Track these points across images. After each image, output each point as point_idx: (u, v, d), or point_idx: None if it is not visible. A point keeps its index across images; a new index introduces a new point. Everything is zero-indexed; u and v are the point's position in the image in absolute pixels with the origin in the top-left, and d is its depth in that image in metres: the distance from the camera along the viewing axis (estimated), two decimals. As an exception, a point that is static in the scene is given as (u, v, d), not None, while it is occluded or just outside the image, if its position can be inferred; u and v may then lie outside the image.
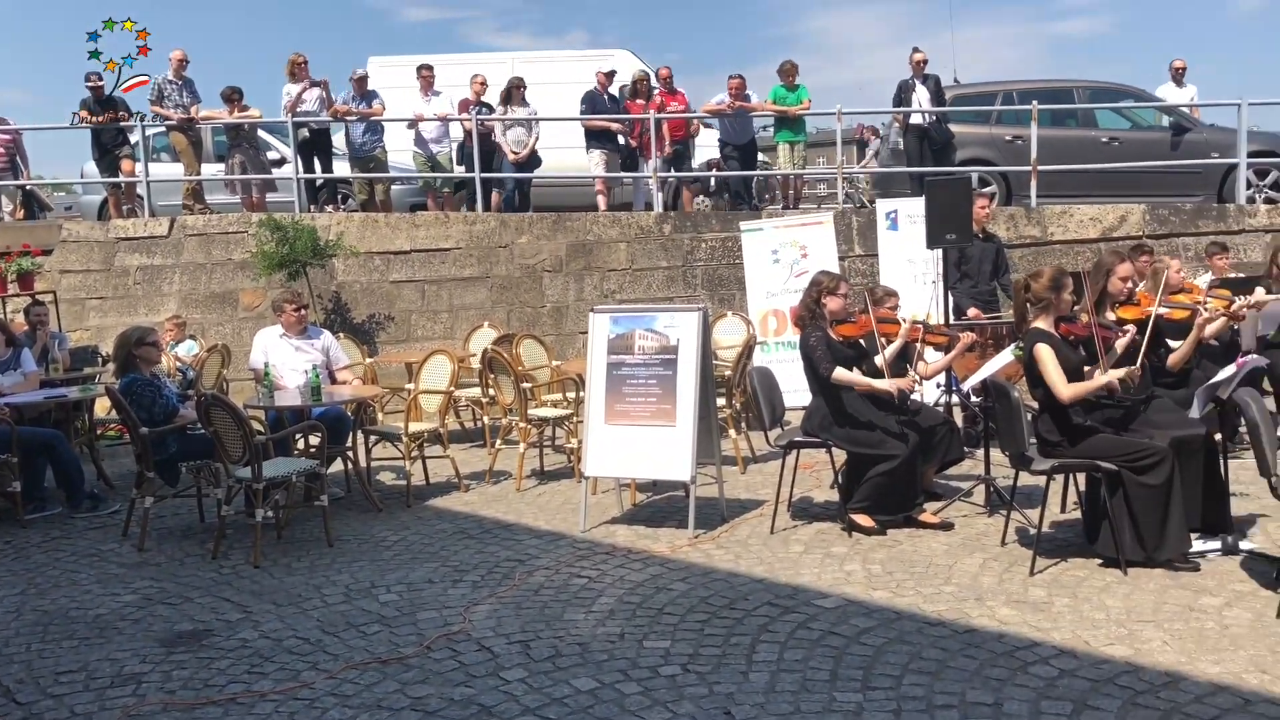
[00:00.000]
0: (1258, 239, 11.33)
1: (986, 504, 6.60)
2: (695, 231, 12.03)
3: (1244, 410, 5.02)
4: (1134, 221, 11.57)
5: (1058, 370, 5.42)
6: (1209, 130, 12.80)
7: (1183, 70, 13.91)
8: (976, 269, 9.06)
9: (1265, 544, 5.55)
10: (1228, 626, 4.54)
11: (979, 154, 12.84)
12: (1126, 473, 5.30)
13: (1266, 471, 4.85)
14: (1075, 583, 5.19)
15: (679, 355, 6.49)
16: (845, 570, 5.56)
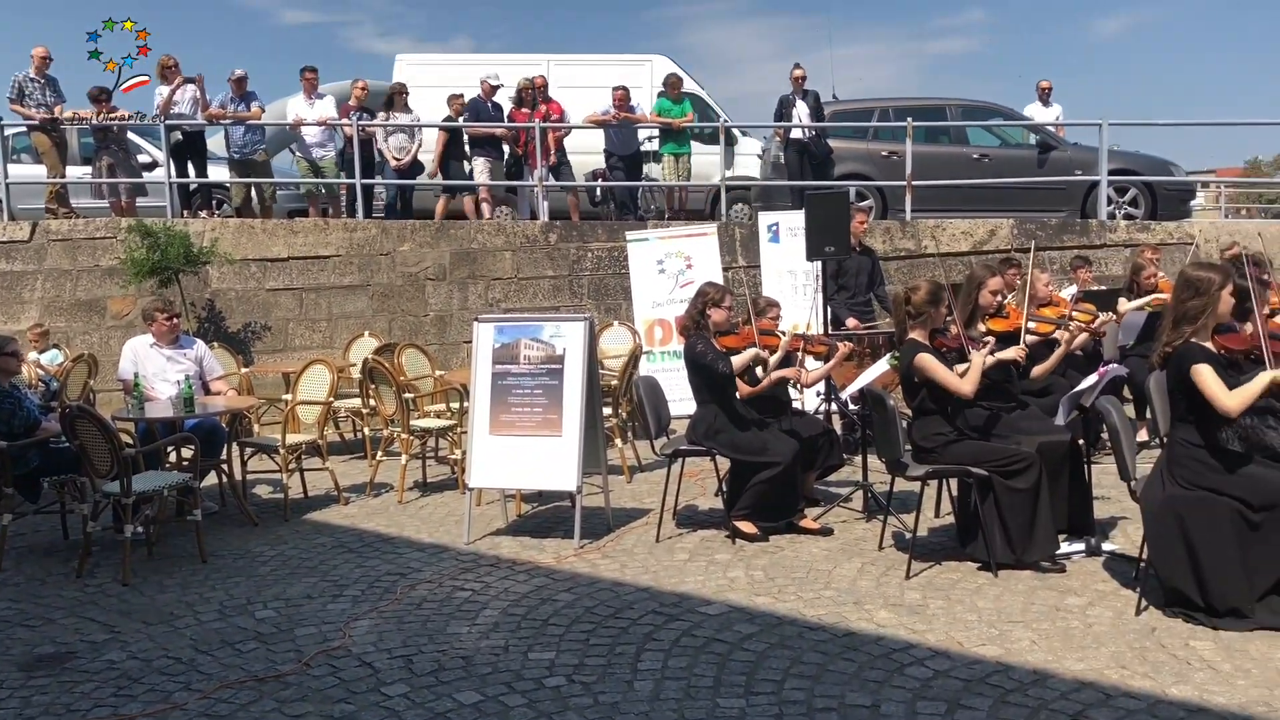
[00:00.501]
0: (1118, 253, 11.88)
1: (864, 509, 6.76)
2: (581, 241, 12.05)
3: (1105, 417, 5.26)
4: (1003, 235, 12.01)
5: (948, 372, 5.59)
6: (1073, 149, 13.36)
7: (1048, 90, 14.51)
8: (854, 280, 9.29)
9: (1125, 545, 5.81)
10: (1091, 625, 4.74)
11: (857, 169, 13.17)
12: (996, 478, 5.49)
13: (1126, 476, 5.09)
14: (949, 585, 5.36)
15: (565, 365, 6.49)
16: (729, 577, 5.62)
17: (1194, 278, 4.87)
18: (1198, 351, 4.74)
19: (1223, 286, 4.80)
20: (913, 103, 13.98)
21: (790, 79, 12.75)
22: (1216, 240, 11.82)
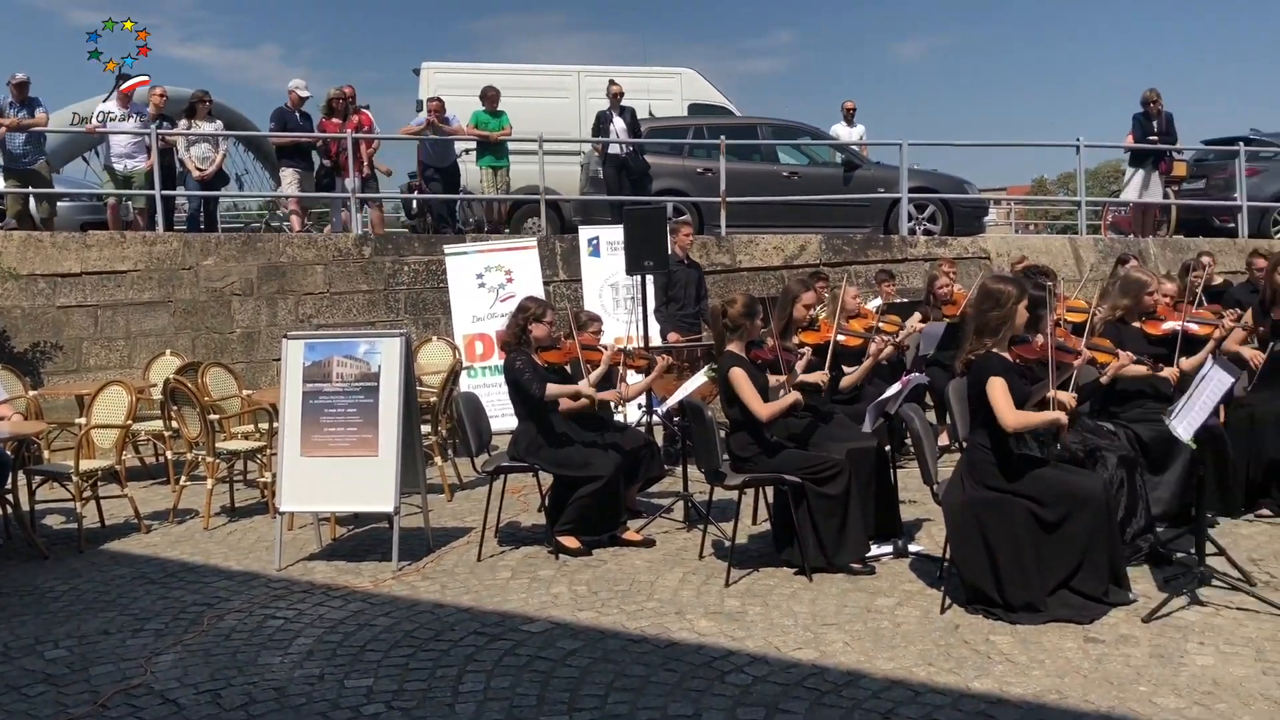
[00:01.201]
0: (918, 267, 12.47)
1: (685, 519, 6.85)
2: (397, 254, 11.80)
3: (909, 424, 5.50)
4: (812, 250, 12.44)
5: (753, 391, 5.72)
6: (876, 167, 13.98)
7: (853, 111, 15.15)
8: (683, 293, 9.48)
9: (930, 546, 6.08)
10: (900, 624, 4.93)
11: (673, 185, 13.39)
12: (809, 485, 5.66)
13: (929, 479, 5.33)
14: (766, 591, 5.48)
15: (380, 382, 6.33)
16: (552, 593, 5.59)
17: (994, 290, 5.15)
18: (996, 363, 5.01)
19: (1020, 299, 5.09)
20: (725, 121, 14.34)
21: (607, 95, 12.86)
22: (1008, 254, 12.55)
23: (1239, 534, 6.10)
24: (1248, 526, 6.27)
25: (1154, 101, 13.83)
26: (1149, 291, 6.53)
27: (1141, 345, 6.28)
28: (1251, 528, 6.25)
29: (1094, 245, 13.46)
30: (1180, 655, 4.41)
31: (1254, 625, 4.69)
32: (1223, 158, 14.78)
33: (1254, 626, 4.67)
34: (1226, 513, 6.38)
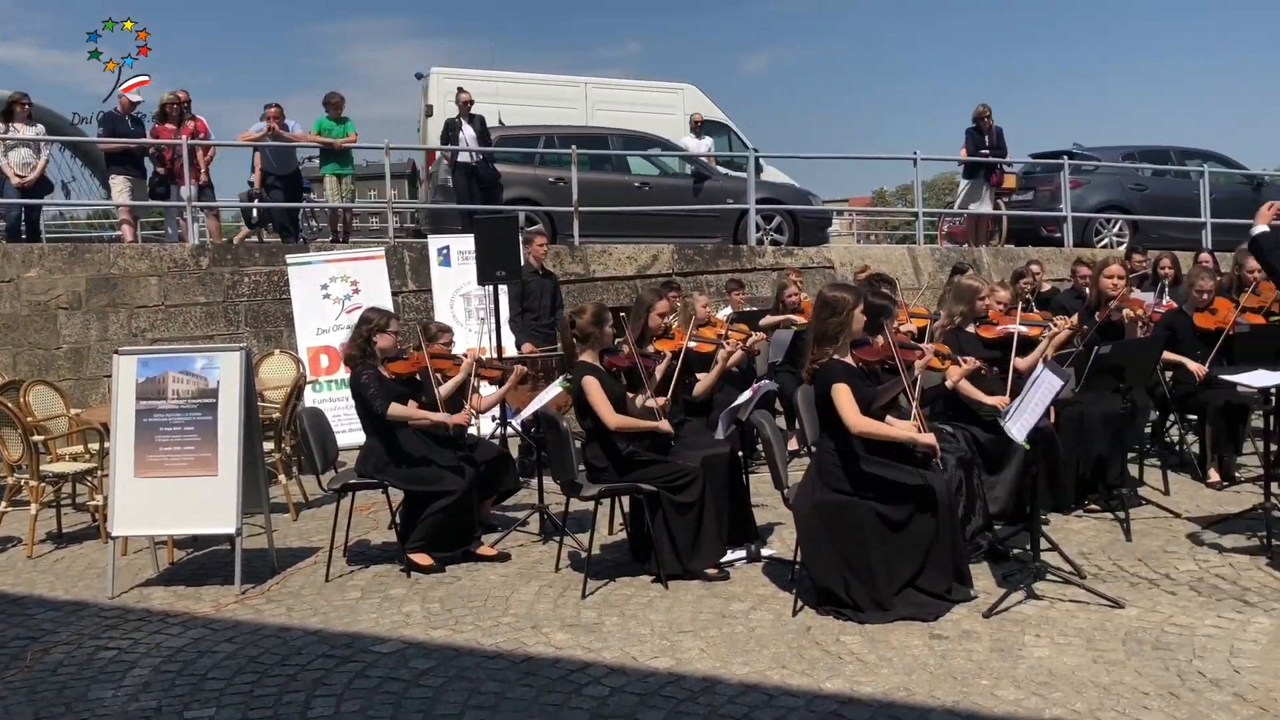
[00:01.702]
0: (766, 276, 12.72)
1: (541, 532, 6.79)
2: (237, 265, 11.37)
3: (760, 430, 5.59)
4: (665, 260, 12.55)
5: (604, 400, 5.72)
6: (724, 179, 14.21)
7: (701, 123, 15.36)
8: (538, 303, 9.41)
9: (782, 549, 6.18)
10: (754, 629, 4.99)
11: (525, 194, 13.34)
12: (664, 493, 5.68)
13: (780, 484, 5.42)
14: (623, 601, 5.47)
15: (219, 399, 6.07)
16: (404, 612, 5.46)
17: (831, 298, 5.28)
18: (839, 369, 5.14)
19: (856, 305, 5.24)
20: (577, 130, 14.36)
21: (456, 103, 12.71)
22: (851, 264, 12.93)
23: (1070, 529, 6.40)
24: (1078, 522, 6.59)
25: (985, 117, 14.49)
26: (981, 297, 6.81)
27: (978, 349, 6.54)
28: (1081, 523, 6.56)
29: (931, 254, 14.00)
30: (1019, 648, 4.58)
31: (1084, 616, 4.91)
32: (1049, 171, 15.57)
33: (1084, 617, 4.90)
34: (1058, 509, 6.69)
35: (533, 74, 16.82)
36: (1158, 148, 16.78)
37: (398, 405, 6.15)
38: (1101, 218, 15.18)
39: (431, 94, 15.42)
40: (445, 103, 14.49)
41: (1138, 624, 4.78)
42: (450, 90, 14.50)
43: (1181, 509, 6.71)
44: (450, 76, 15.36)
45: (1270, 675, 4.19)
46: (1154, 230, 15.00)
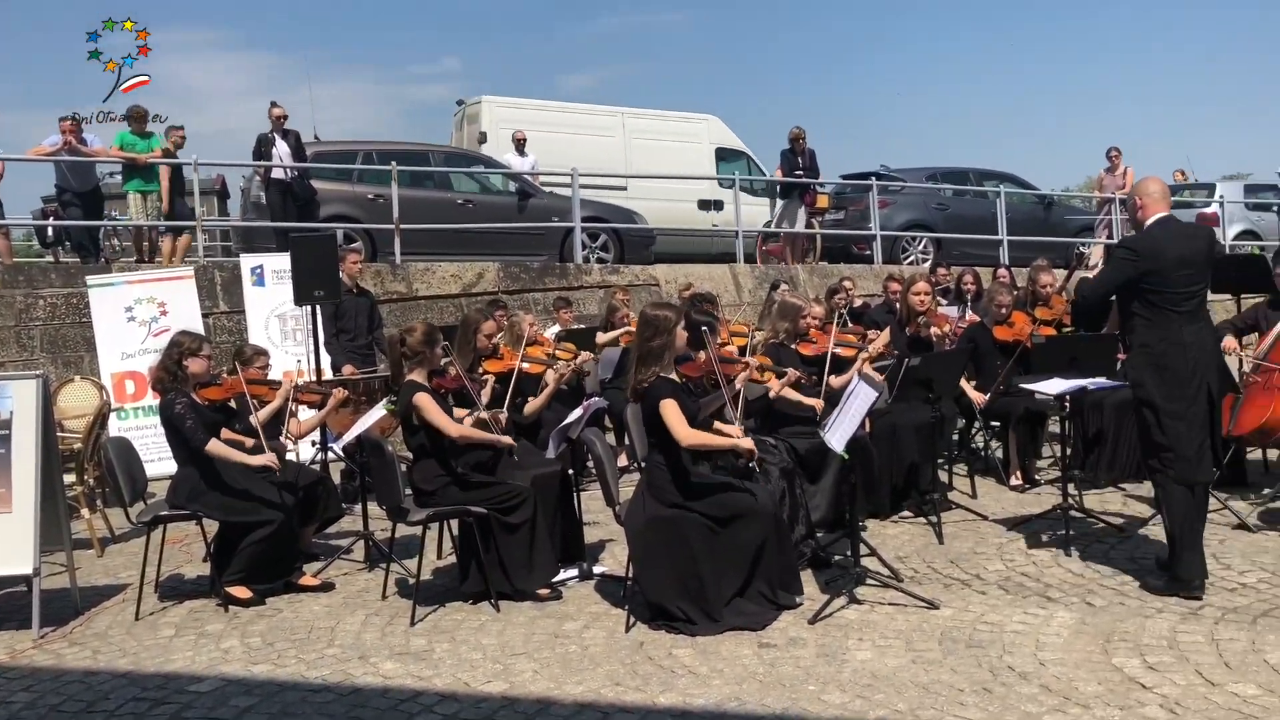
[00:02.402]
0: (593, 294, 12.80)
1: (366, 559, 6.61)
2: (30, 287, 10.65)
3: (590, 448, 5.60)
4: (490, 278, 12.46)
5: (441, 414, 5.63)
6: (549, 197, 14.23)
7: (523, 141, 15.34)
8: (354, 323, 9.15)
9: (614, 566, 6.20)
10: (587, 647, 4.99)
11: (343, 211, 13.01)
12: (494, 514, 5.62)
13: (611, 500, 5.45)
14: (454, 626, 5.38)
15: (13, 430, 5.66)
16: (223, 648, 5.21)
17: (653, 318, 5.35)
18: (665, 386, 5.21)
19: (678, 323, 5.33)
20: (397, 146, 14.13)
21: (269, 117, 12.30)
22: (675, 281, 13.14)
23: (887, 534, 6.66)
24: (894, 527, 6.86)
25: (799, 139, 15.00)
26: (804, 315, 7.05)
27: (797, 364, 6.76)
28: (897, 528, 6.84)
29: (751, 272, 14.38)
30: (843, 652, 4.74)
31: (903, 618, 5.12)
32: (858, 191, 16.24)
33: (903, 619, 5.10)
34: (875, 515, 6.96)
35: (577, 104, 17.79)
36: (958, 169, 17.79)
37: (218, 443, 5.88)
38: (907, 236, 15.94)
39: (484, 121, 16.14)
40: (498, 130, 15.86)
41: (952, 624, 5.01)
42: (503, 118, 16.00)
43: (988, 511, 7.08)
44: (503, 105, 16.49)
45: (1072, 666, 4.46)
46: (955, 247, 15.85)
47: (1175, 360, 5.16)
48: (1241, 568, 5.60)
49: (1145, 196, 5.38)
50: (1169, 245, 5.21)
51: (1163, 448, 5.21)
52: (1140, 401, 5.30)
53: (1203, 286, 5.37)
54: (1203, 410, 5.22)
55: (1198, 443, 5.20)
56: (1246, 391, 6.81)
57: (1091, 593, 5.36)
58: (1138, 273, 5.21)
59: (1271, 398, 6.60)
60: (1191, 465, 5.18)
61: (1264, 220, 18.14)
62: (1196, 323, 5.25)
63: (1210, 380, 5.25)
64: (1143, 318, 5.26)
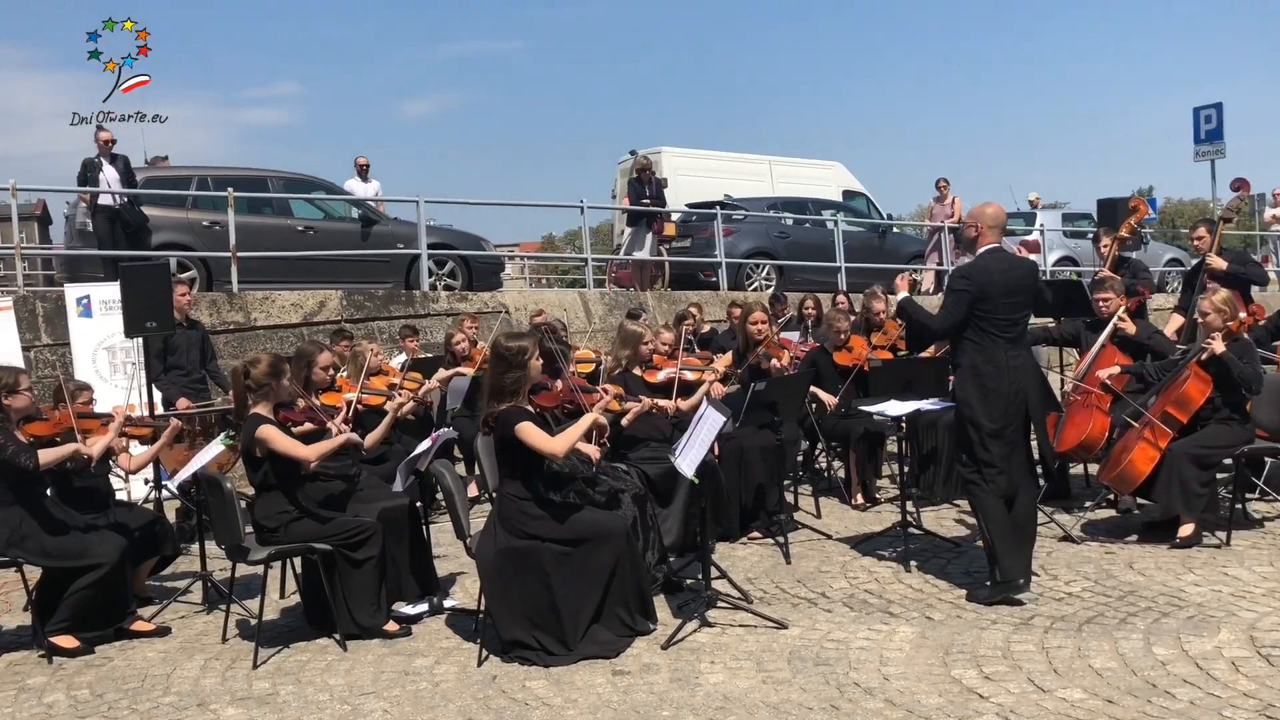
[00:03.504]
0: (440, 322, 12.63)
1: (205, 601, 6.34)
2: None
3: (440, 480, 5.52)
4: (333, 307, 12.16)
5: (291, 440, 5.46)
6: (393, 223, 14.00)
7: (366, 166, 15.09)
8: (185, 357, 8.77)
9: (465, 599, 6.11)
10: (439, 683, 4.89)
11: (176, 238, 12.49)
12: (340, 550, 5.48)
13: (461, 533, 5.38)
14: (298, 667, 5.20)
15: None
16: (46, 703, 4.90)
17: (507, 350, 5.32)
18: (518, 414, 5.18)
19: (533, 353, 5.31)
20: (233, 172, 13.67)
21: (96, 140, 11.75)
22: (525, 308, 13.11)
23: (736, 556, 6.78)
24: (743, 549, 6.99)
25: (646, 168, 15.21)
26: (645, 342, 7.15)
27: (644, 391, 6.83)
28: (746, 549, 6.97)
29: (601, 298, 14.46)
30: (696, 676, 4.78)
31: (753, 639, 5.21)
32: (704, 220, 16.55)
33: (753, 640, 5.19)
34: (725, 538, 7.07)
35: (737, 153, 20.57)
36: (797, 199, 18.34)
37: (48, 451, 5.57)
38: (751, 263, 16.32)
39: (664, 169, 18.04)
40: (678, 177, 18.16)
41: (800, 642, 5.13)
42: (680, 167, 18.54)
43: (832, 530, 7.28)
44: (680, 155, 19.14)
45: (914, 679, 4.61)
46: (797, 274, 16.31)
47: (999, 382, 5.50)
48: (1068, 578, 5.91)
49: (983, 223, 5.67)
50: (999, 274, 5.53)
51: (985, 464, 5.54)
52: (965, 420, 5.59)
53: (1026, 314, 5.75)
54: (1019, 429, 5.59)
55: (1014, 459, 5.58)
56: (1068, 410, 7.22)
57: (931, 607, 5.57)
58: (973, 299, 5.50)
59: (1091, 416, 7.01)
60: (1009, 479, 5.55)
61: (1080, 247, 19.27)
62: (1019, 348, 5.62)
63: (1031, 400, 5.60)
64: (971, 342, 5.56)
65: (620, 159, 19.73)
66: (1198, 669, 4.51)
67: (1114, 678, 4.48)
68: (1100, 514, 7.23)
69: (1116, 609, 5.33)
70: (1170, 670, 4.51)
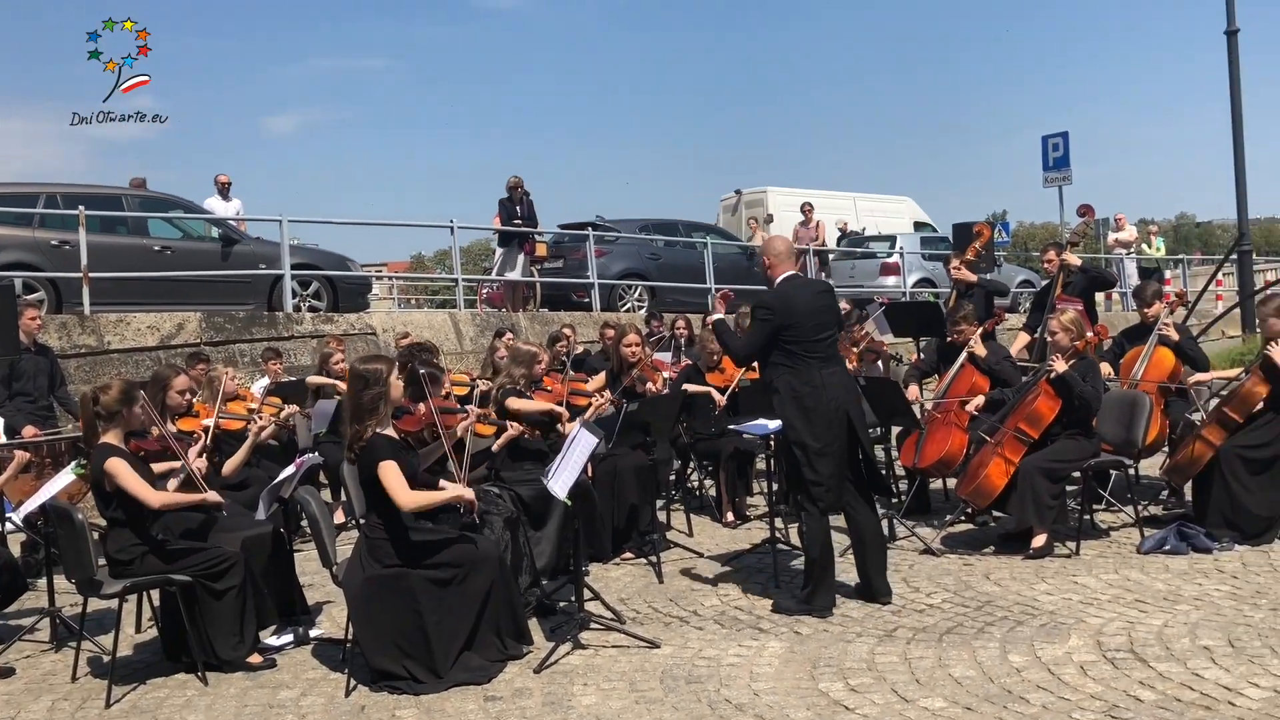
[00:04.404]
0: (306, 344, 12.34)
1: (53, 639, 6.02)
2: None
3: (305, 507, 5.39)
4: (191, 329, 11.76)
5: (139, 482, 5.22)
6: (255, 243, 13.61)
7: (228, 185, 14.67)
8: (33, 384, 8.34)
9: (332, 629, 5.97)
10: (305, 716, 4.77)
11: (22, 258, 11.88)
12: (201, 581, 5.28)
13: (327, 561, 5.26)
14: (156, 705, 4.99)
15: None
16: (-126, 754, 4.60)
17: (365, 371, 5.23)
18: (383, 445, 5.10)
19: (390, 374, 5.23)
20: (85, 190, 13.10)
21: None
22: (393, 329, 12.91)
23: (610, 577, 6.79)
24: (616, 569, 7.01)
25: (518, 188, 15.20)
26: (539, 361, 7.14)
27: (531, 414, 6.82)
28: (619, 570, 6.99)
29: (472, 319, 14.35)
30: (569, 699, 4.77)
31: (626, 660, 5.22)
32: (576, 240, 16.61)
33: (626, 661, 5.21)
34: (598, 559, 7.08)
35: (829, 190, 23.59)
36: (668, 221, 18.57)
37: None
38: (624, 284, 16.44)
39: (770, 206, 21.92)
40: (782, 214, 21.40)
41: (672, 661, 5.17)
42: (784, 204, 21.98)
43: (704, 548, 7.36)
44: (784, 194, 22.60)
45: (783, 694, 4.70)
46: (669, 295, 16.49)
47: (818, 401, 5.71)
48: (929, 589, 6.11)
49: (774, 256, 5.98)
50: (799, 300, 5.79)
51: (813, 483, 5.74)
52: (791, 442, 5.79)
53: (833, 333, 6.01)
54: (843, 444, 5.79)
55: (840, 475, 5.79)
56: (928, 428, 7.48)
57: (799, 621, 5.68)
58: (776, 327, 5.72)
59: (949, 433, 7.29)
60: (837, 496, 5.79)
61: (939, 269, 20.01)
62: (832, 365, 5.87)
63: (851, 415, 5.81)
64: (784, 365, 5.80)
65: (724, 196, 23.79)
66: (1050, 674, 4.71)
67: (973, 685, 4.64)
68: (960, 527, 7.49)
69: (975, 619, 5.53)
70: (1024, 676, 4.71)
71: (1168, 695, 4.39)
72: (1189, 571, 6.13)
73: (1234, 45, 16.47)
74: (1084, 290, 8.69)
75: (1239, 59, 16.44)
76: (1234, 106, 16.47)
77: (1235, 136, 16.51)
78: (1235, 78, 16.46)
